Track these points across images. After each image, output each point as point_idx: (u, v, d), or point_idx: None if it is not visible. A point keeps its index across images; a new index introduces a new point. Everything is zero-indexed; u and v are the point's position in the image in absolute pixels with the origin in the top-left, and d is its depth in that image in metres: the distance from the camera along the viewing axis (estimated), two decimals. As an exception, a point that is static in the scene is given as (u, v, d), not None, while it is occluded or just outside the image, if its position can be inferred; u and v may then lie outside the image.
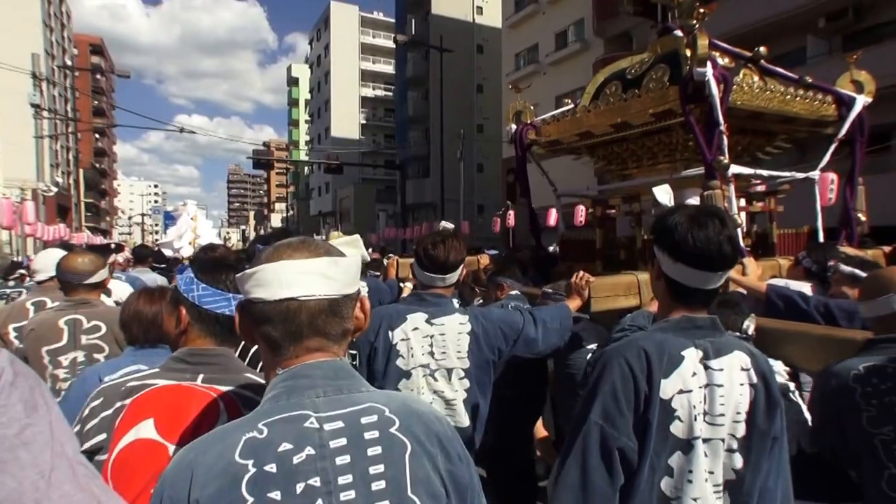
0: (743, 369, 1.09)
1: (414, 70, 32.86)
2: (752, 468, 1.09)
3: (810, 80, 3.41)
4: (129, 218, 66.13)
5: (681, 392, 1.05)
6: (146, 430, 0.96)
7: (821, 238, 3.46)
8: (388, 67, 41.48)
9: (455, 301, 1.89)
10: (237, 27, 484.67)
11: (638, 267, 3.01)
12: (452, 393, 1.69)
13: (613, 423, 1.04)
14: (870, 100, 3.42)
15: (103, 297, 2.34)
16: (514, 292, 2.58)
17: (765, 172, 3.18)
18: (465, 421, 1.70)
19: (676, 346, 1.08)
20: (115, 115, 50.33)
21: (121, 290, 3.30)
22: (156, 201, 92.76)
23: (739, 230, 2.80)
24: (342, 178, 36.67)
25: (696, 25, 2.69)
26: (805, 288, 2.40)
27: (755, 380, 1.09)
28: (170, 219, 46.14)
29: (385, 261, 4.45)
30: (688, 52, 2.83)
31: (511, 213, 9.56)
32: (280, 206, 62.67)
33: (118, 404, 0.99)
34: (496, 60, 27.82)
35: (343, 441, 0.65)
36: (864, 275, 2.18)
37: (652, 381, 1.04)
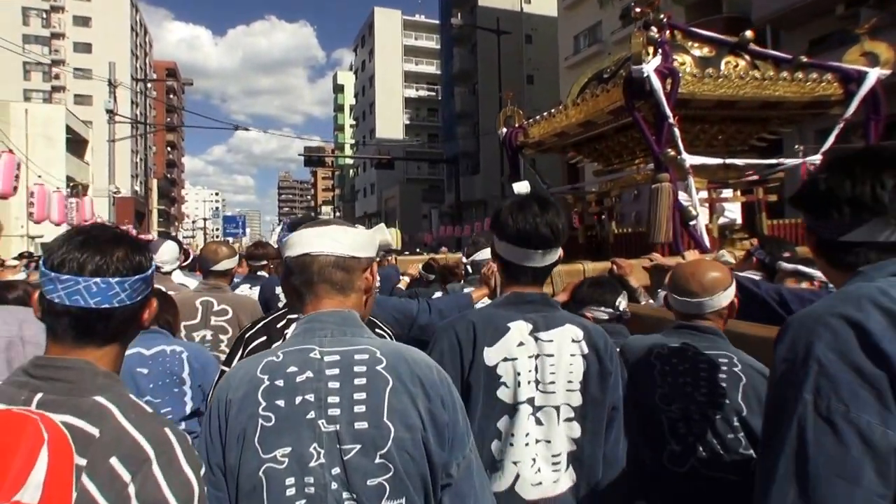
0: (574, 341, 1.20)
1: (460, 65, 33.43)
2: (591, 437, 1.18)
3: (805, 60, 3.41)
4: (193, 222, 72.59)
5: (505, 360, 1.18)
6: None
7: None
8: (430, 68, 42.70)
9: None
10: (290, 46, 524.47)
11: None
12: None
13: None
14: (886, 72, 3.22)
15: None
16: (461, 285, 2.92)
17: (740, 162, 3.25)
18: None
19: (504, 318, 1.21)
20: (184, 130, 57.32)
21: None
22: (216, 207, 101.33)
23: (698, 220, 2.96)
24: (387, 179, 38.00)
25: (637, 23, 2.87)
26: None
27: (587, 350, 1.20)
28: (228, 222, 50.82)
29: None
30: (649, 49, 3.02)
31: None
32: (326, 208, 66.02)
33: None
34: (546, 49, 27.52)
35: (336, 370, 0.85)
36: (808, 270, 2.29)
37: (475, 349, 1.18)
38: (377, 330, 1.70)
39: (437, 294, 2.77)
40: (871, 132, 3.24)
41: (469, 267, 2.84)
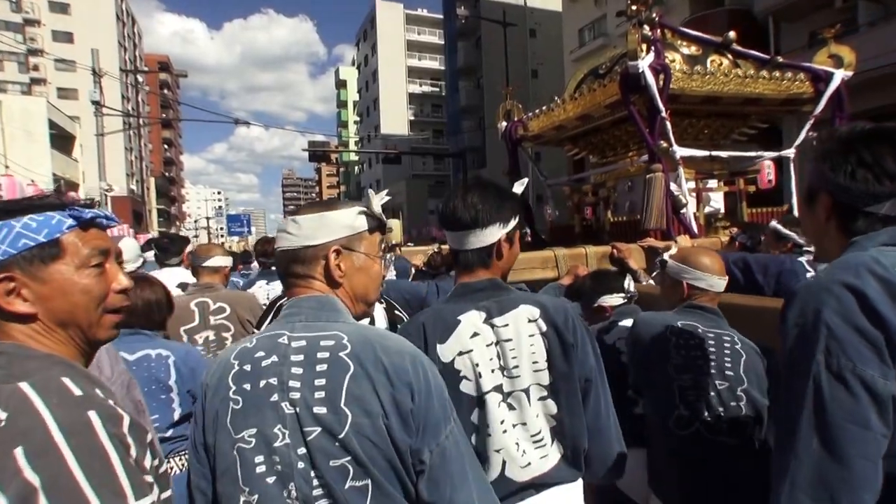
0: (531, 321, 1.21)
1: (465, 59, 33.84)
2: (568, 410, 1.21)
3: (780, 60, 3.73)
4: (195, 221, 73.32)
5: (461, 353, 1.19)
6: None
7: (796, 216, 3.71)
8: (434, 63, 43.06)
9: None
10: (290, 42, 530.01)
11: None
12: None
13: None
14: (849, 74, 3.60)
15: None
16: None
17: (724, 154, 3.54)
18: None
19: (453, 312, 1.22)
20: (180, 126, 57.05)
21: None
22: (219, 206, 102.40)
23: (688, 209, 3.25)
24: (393, 175, 38.41)
25: (633, 21, 3.13)
26: None
27: (545, 328, 1.21)
28: (232, 221, 51.00)
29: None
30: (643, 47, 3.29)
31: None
32: (332, 206, 66.46)
33: None
34: (550, 43, 27.79)
35: (301, 356, 0.89)
36: (787, 232, 2.55)
37: (427, 349, 1.18)
38: (395, 312, 1.87)
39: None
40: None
41: None
